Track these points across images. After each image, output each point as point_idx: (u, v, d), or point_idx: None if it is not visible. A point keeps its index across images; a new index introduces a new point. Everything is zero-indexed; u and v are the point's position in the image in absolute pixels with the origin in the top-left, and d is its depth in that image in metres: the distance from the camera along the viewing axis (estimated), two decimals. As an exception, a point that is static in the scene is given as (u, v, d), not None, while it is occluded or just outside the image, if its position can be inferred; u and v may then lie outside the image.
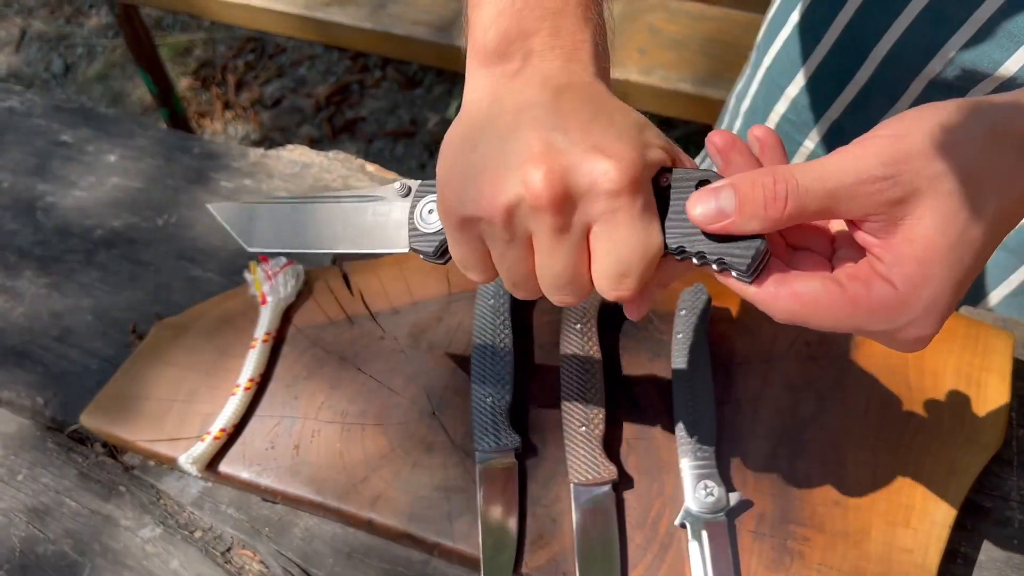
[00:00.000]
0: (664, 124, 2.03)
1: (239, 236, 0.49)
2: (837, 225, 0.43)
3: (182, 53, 2.19)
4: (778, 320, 0.39)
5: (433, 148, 2.04)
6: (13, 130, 0.86)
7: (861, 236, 0.38)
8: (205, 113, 2.11)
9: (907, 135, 0.36)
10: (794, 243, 0.43)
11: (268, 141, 2.06)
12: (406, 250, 0.46)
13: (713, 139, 0.42)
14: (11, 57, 2.23)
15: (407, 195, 0.46)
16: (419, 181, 0.47)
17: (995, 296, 0.77)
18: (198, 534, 0.62)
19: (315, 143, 2.04)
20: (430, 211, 0.44)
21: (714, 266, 0.39)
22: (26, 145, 0.85)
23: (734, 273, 0.39)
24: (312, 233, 0.47)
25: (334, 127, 2.07)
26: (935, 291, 0.36)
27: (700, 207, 0.38)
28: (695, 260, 0.39)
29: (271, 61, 2.20)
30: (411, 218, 0.45)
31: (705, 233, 0.38)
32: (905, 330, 0.38)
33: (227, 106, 2.13)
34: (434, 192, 0.44)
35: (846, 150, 0.37)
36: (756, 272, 0.38)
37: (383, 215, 0.46)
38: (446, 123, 2.09)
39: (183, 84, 2.16)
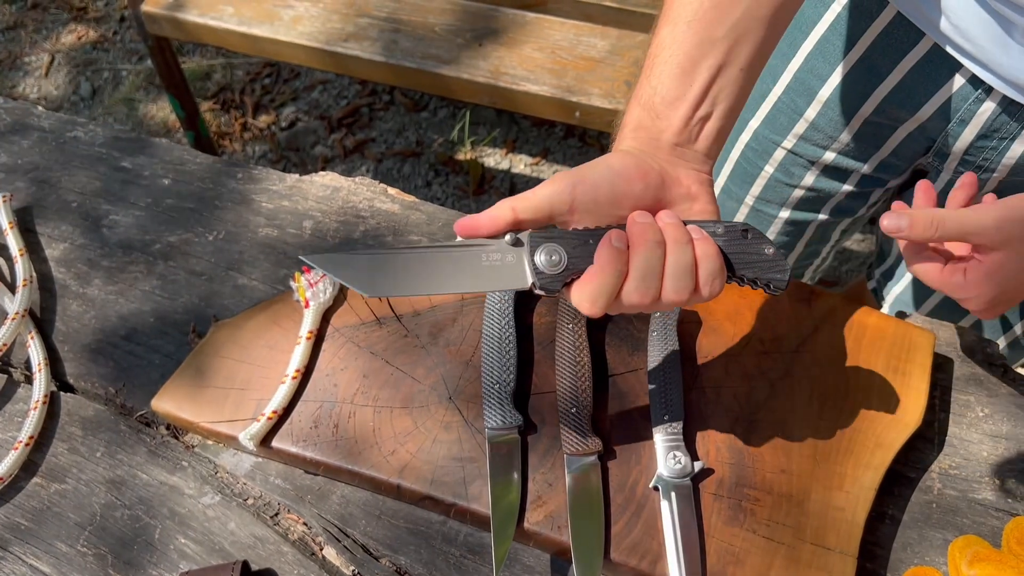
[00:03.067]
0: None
1: (355, 286, 0.53)
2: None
3: (202, 78, 2.31)
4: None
5: (438, 168, 2.15)
6: (79, 157, 0.98)
7: (967, 248, 0.64)
8: (225, 134, 2.23)
9: (1015, 207, 0.60)
10: (935, 248, 0.66)
11: (284, 161, 2.17)
12: (527, 286, 0.56)
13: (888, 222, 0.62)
14: (41, 81, 2.35)
15: (516, 244, 0.56)
16: (527, 233, 0.56)
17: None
18: (250, 501, 0.73)
19: (328, 162, 2.16)
20: (551, 256, 0.55)
21: (753, 285, 0.57)
22: (91, 170, 0.97)
23: (772, 290, 0.57)
24: (430, 278, 0.54)
25: (346, 148, 2.18)
26: (986, 290, 0.62)
27: (888, 221, 0.60)
28: (740, 282, 0.57)
29: (286, 86, 2.32)
30: (532, 261, 0.55)
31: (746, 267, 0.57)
32: (966, 303, 0.64)
33: (245, 128, 2.24)
34: (548, 241, 0.55)
35: (977, 208, 0.62)
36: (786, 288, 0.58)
37: (497, 260, 0.56)
38: (449, 144, 2.20)
39: (204, 107, 2.28)
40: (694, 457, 0.68)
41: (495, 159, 2.18)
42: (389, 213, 0.91)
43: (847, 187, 0.90)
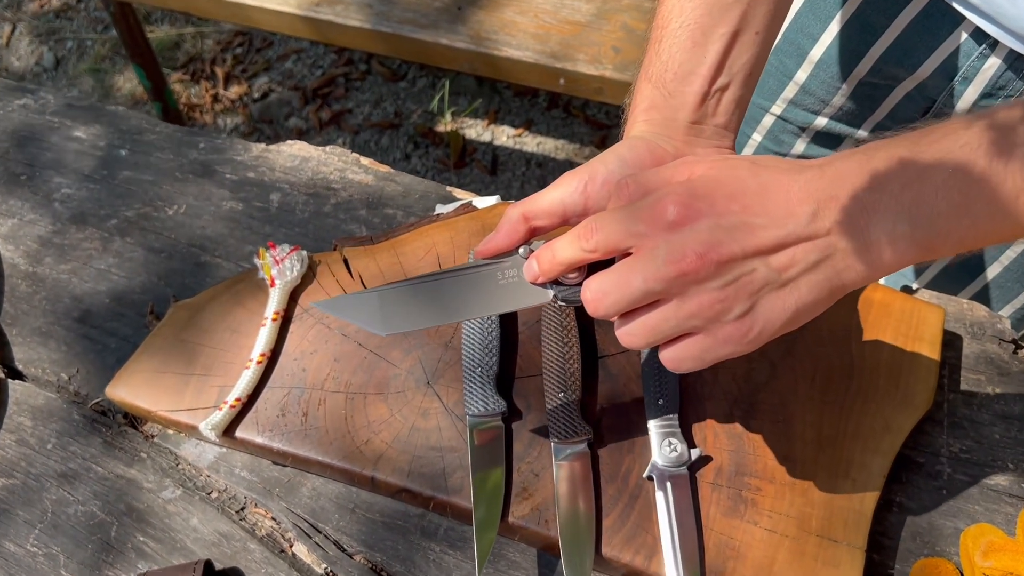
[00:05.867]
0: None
1: (368, 326, 0.51)
2: None
3: (171, 47, 2.23)
4: None
5: (418, 139, 2.09)
6: (28, 127, 0.92)
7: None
8: (195, 106, 2.15)
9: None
10: None
11: (257, 133, 2.10)
12: (548, 300, 0.52)
13: None
14: (2, 52, 2.26)
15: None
16: (542, 241, 0.53)
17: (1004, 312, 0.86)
18: (214, 495, 0.68)
19: (303, 135, 2.09)
20: None
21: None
22: (41, 141, 0.91)
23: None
24: (445, 306, 0.52)
25: (321, 119, 2.11)
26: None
27: (528, 272, 0.54)
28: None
29: (259, 55, 2.24)
30: None
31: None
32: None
33: (216, 99, 2.17)
34: None
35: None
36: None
37: (514, 276, 0.53)
38: (429, 115, 2.14)
39: (173, 78, 2.20)
40: (691, 444, 0.64)
41: (476, 130, 2.13)
42: (362, 185, 0.86)
43: None
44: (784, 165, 0.47)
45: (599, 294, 0.48)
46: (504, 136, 2.12)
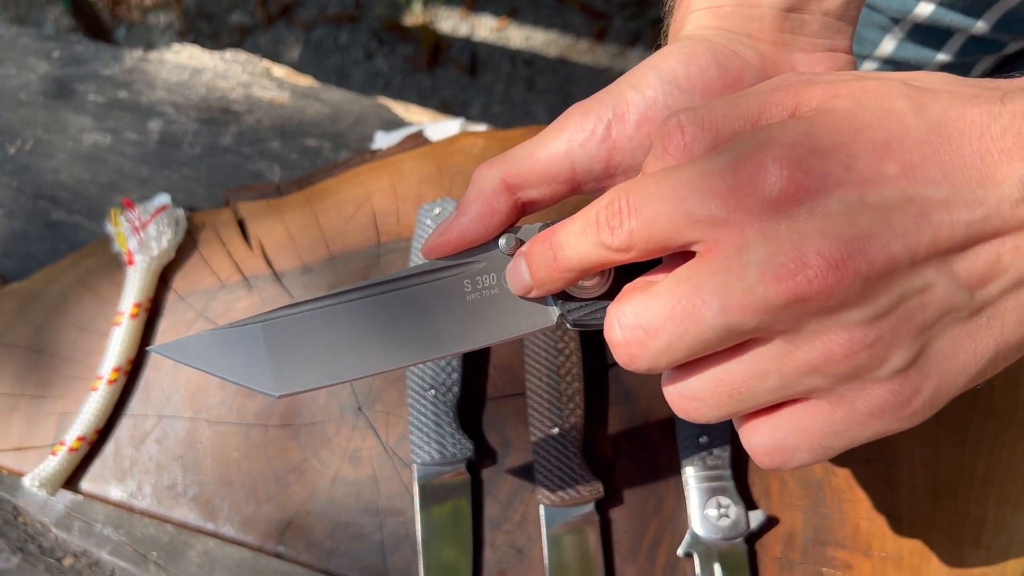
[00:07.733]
0: (641, 2, 1.83)
1: (248, 381, 0.33)
2: None
3: (91, -71, 1.92)
4: None
5: (383, 35, 1.82)
6: None
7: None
8: (120, 2, 1.86)
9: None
10: None
11: (194, 32, 1.83)
12: (551, 323, 0.31)
13: None
14: None
15: (520, 248, 0.31)
16: (537, 226, 0.31)
17: None
18: (68, 561, 0.49)
19: (247, 33, 1.82)
20: None
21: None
22: None
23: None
24: (379, 343, 0.32)
25: (269, 13, 1.84)
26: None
27: (514, 282, 0.32)
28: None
29: (195, -63, 1.94)
30: None
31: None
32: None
33: (146, -9, 1.88)
34: None
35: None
36: None
37: (491, 285, 0.32)
38: (396, 7, 1.87)
39: (94, -34, 1.90)
40: (748, 503, 0.43)
41: (452, 23, 1.87)
42: (274, 105, 0.62)
43: (942, 56, 0.62)
44: (965, 88, 0.25)
45: (638, 332, 0.26)
46: (484, 29, 1.85)
